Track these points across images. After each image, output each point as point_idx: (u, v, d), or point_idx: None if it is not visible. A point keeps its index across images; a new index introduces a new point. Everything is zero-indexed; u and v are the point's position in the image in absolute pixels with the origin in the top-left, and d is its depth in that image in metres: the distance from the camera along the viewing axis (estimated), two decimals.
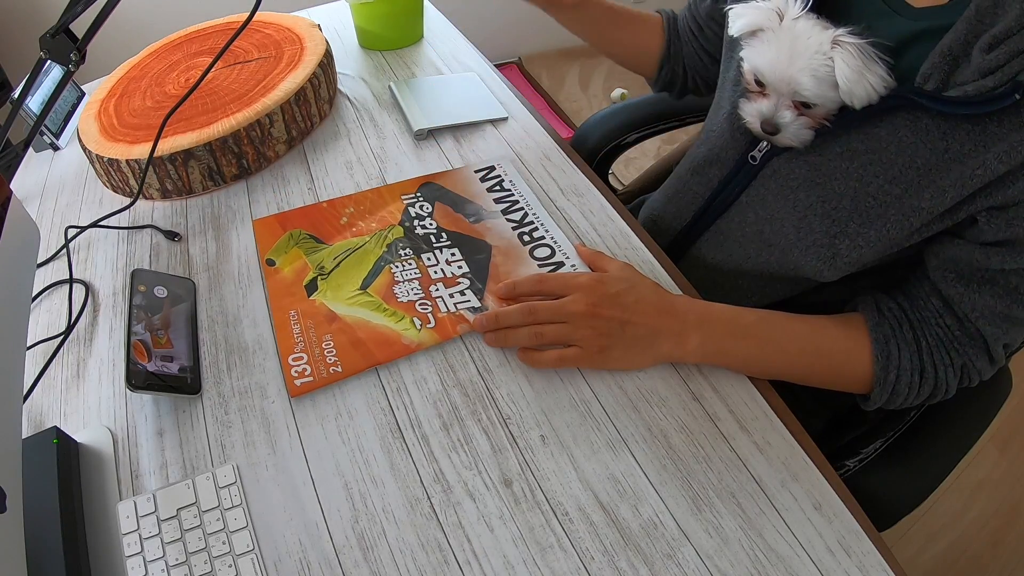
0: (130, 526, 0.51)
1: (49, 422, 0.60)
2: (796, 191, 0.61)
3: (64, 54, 0.64)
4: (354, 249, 0.71)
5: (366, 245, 0.72)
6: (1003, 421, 1.46)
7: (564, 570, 0.48)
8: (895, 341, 0.57)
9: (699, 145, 0.73)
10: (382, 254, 0.71)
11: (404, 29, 1.05)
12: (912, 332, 0.58)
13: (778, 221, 0.63)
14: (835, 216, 0.59)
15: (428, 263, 0.70)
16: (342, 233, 0.73)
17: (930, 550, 1.28)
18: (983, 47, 0.46)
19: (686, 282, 0.67)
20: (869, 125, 0.55)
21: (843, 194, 0.58)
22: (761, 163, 0.64)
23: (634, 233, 0.72)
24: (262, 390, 0.60)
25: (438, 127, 0.86)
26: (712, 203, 0.71)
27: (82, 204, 0.83)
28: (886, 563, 0.48)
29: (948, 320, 0.57)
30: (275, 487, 0.53)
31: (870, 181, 0.56)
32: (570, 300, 0.59)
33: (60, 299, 0.70)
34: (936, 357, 0.57)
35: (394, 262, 0.70)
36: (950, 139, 0.50)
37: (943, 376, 0.57)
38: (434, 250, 0.71)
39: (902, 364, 0.57)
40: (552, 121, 2.13)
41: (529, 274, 0.66)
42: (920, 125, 0.52)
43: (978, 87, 0.47)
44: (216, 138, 0.77)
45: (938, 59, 0.49)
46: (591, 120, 1.01)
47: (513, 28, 2.35)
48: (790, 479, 0.52)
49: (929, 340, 0.57)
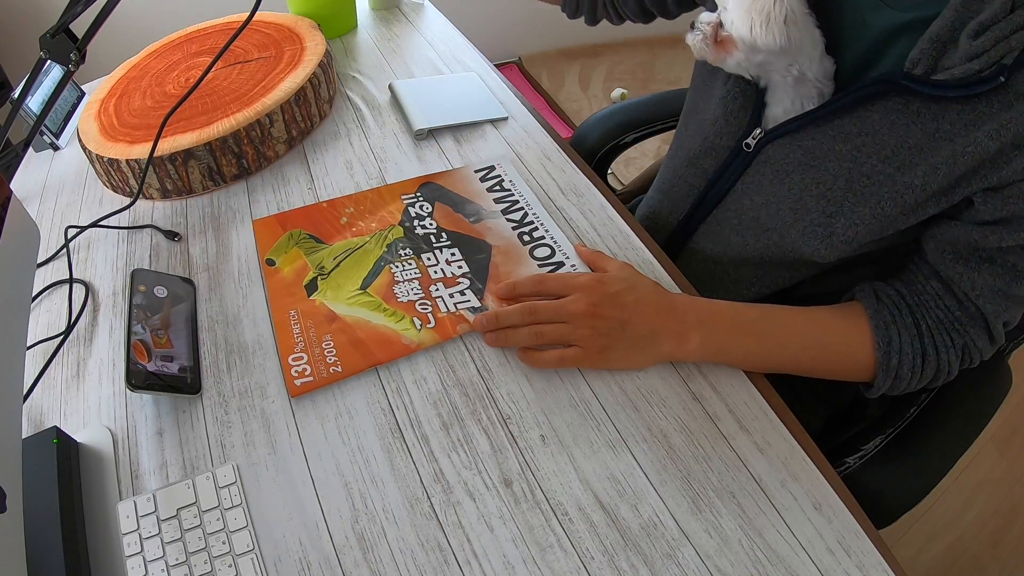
0: (130, 526, 0.51)
1: (49, 422, 0.60)
2: (791, 175, 0.62)
3: (64, 54, 0.64)
4: (354, 249, 0.71)
5: (366, 245, 0.72)
6: (1003, 421, 1.46)
7: (564, 570, 0.48)
8: (895, 327, 0.58)
9: (693, 136, 0.73)
10: (382, 254, 0.70)
11: (334, 17, 1.06)
12: (912, 316, 0.58)
13: (774, 205, 0.64)
14: (830, 196, 0.59)
15: (428, 263, 0.69)
16: (342, 233, 0.73)
17: (930, 550, 1.28)
18: (970, 33, 0.48)
19: (685, 281, 0.67)
20: (861, 109, 0.56)
21: (837, 175, 0.58)
22: (755, 150, 0.64)
23: (634, 233, 0.72)
24: (262, 390, 0.60)
25: (438, 127, 0.86)
26: (708, 193, 0.71)
27: (82, 204, 0.83)
28: (886, 563, 0.48)
29: (948, 301, 0.57)
30: (275, 487, 0.53)
31: (863, 161, 0.57)
32: (570, 300, 0.59)
33: (60, 299, 0.70)
34: (937, 339, 0.57)
35: (394, 262, 0.70)
36: (940, 119, 0.52)
37: (945, 358, 0.58)
38: (434, 250, 0.71)
39: (903, 349, 0.57)
40: (552, 121, 2.13)
41: (529, 274, 0.66)
42: (911, 108, 0.53)
43: (964, 70, 0.48)
44: (216, 138, 0.77)
45: (926, 45, 0.50)
46: (591, 120, 1.01)
47: (513, 28, 2.35)
48: (790, 479, 0.52)
49: (929, 322, 0.58)
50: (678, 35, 1.09)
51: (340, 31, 1.09)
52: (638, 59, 2.42)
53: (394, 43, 1.07)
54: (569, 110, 2.20)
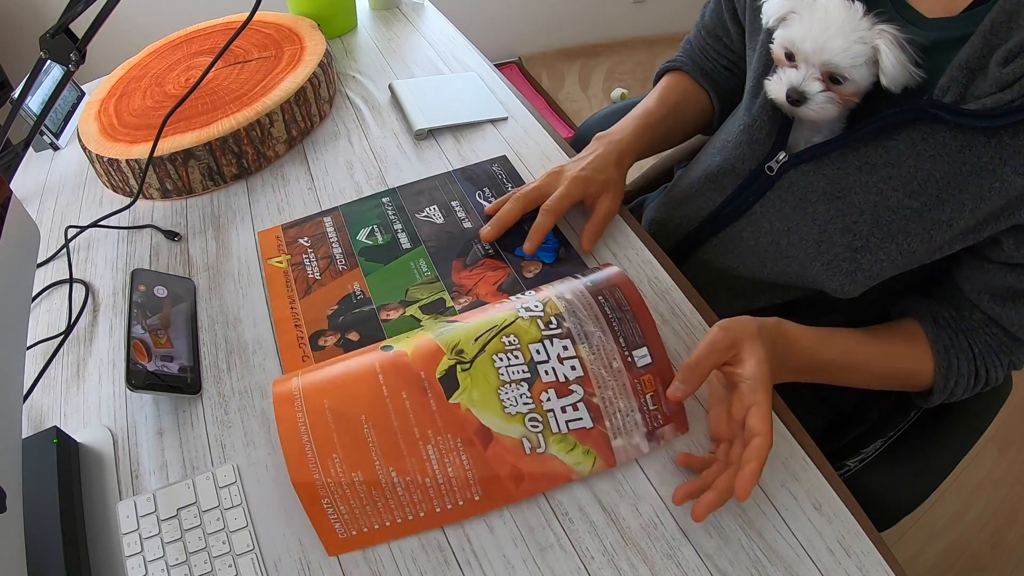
0: (130, 526, 0.51)
1: (49, 422, 0.60)
2: (815, 204, 0.61)
3: (64, 54, 0.64)
4: (501, 328, 0.53)
5: (518, 322, 0.53)
6: (1003, 421, 1.46)
7: (564, 570, 0.48)
8: (954, 351, 0.59)
9: (714, 154, 0.72)
10: (541, 336, 0.53)
11: (334, 17, 1.06)
12: (966, 340, 0.59)
13: (796, 234, 0.63)
14: (856, 230, 0.59)
15: (538, 357, 0.52)
16: (484, 311, 0.57)
17: (930, 550, 1.28)
18: (999, 60, 0.47)
19: (687, 283, 0.67)
20: (886, 138, 0.55)
21: (863, 208, 0.58)
22: (778, 174, 0.64)
23: (635, 234, 0.72)
24: (262, 390, 0.60)
25: (438, 127, 0.86)
26: (723, 210, 0.70)
27: (82, 204, 0.83)
28: (886, 563, 0.48)
29: (995, 329, 0.59)
30: (275, 487, 0.53)
31: (890, 195, 0.56)
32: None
33: (60, 299, 0.70)
34: (988, 361, 0.59)
35: (503, 352, 0.52)
36: (967, 152, 0.51)
37: (995, 374, 0.60)
38: (543, 340, 0.53)
39: (960, 371, 0.59)
40: (552, 121, 2.13)
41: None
42: (937, 138, 0.52)
43: (997, 100, 0.47)
44: (216, 138, 0.77)
45: (956, 72, 0.49)
46: (591, 120, 1.01)
47: (513, 28, 2.35)
48: (790, 479, 0.52)
49: (980, 347, 0.59)
50: (678, 35, 1.09)
51: (340, 31, 1.09)
52: (638, 59, 2.41)
53: (394, 43, 1.07)
54: (569, 110, 2.20)
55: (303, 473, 0.49)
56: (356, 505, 0.49)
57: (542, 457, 0.49)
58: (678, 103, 0.78)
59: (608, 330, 0.54)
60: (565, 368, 0.52)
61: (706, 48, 0.80)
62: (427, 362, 0.52)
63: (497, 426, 0.50)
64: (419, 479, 0.49)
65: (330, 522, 0.48)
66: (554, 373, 0.52)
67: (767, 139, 0.64)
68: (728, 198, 0.70)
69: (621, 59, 2.41)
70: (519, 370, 0.52)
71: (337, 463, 0.49)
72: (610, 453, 0.50)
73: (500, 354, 0.52)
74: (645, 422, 0.51)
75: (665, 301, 0.64)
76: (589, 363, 0.52)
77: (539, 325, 0.53)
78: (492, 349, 0.52)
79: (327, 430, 0.50)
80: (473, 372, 0.51)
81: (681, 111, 0.79)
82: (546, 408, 0.51)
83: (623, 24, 2.44)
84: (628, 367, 0.52)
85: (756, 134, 0.65)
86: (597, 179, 0.68)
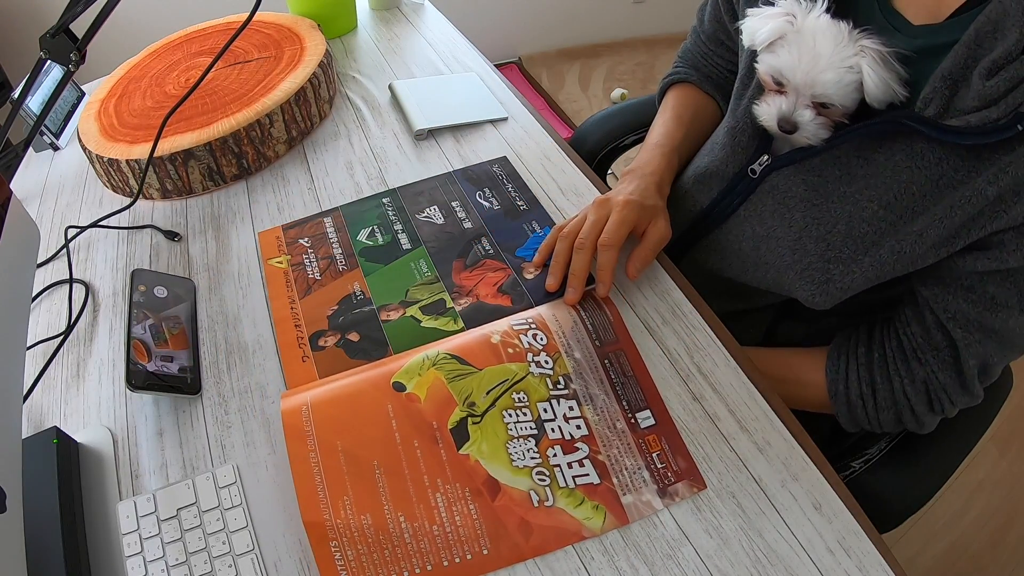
0: (130, 526, 0.51)
1: (49, 422, 0.60)
2: (792, 210, 0.61)
3: (64, 54, 0.64)
4: (513, 382, 0.54)
5: (528, 378, 0.54)
6: (1003, 421, 1.46)
7: (564, 570, 0.48)
8: (845, 356, 0.60)
9: (703, 156, 0.73)
10: (549, 395, 0.54)
11: (334, 17, 1.06)
12: (867, 344, 0.60)
13: (774, 240, 0.63)
14: (829, 240, 0.58)
15: (544, 415, 0.53)
16: (497, 354, 0.56)
17: (930, 550, 1.28)
18: (982, 73, 0.46)
19: (685, 281, 0.67)
20: (868, 150, 0.55)
21: (838, 218, 0.58)
22: (760, 177, 0.64)
23: None
24: (262, 390, 0.60)
25: (438, 127, 0.86)
26: (711, 212, 0.71)
27: (82, 204, 0.83)
28: (886, 563, 0.48)
29: (913, 328, 0.58)
30: (275, 487, 0.53)
31: (864, 206, 0.56)
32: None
33: (60, 299, 0.70)
34: (891, 367, 0.58)
35: (511, 407, 0.53)
36: (944, 165, 0.50)
37: (900, 388, 0.58)
38: (551, 399, 0.54)
39: (850, 377, 0.59)
40: (552, 121, 2.13)
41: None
42: (915, 150, 0.52)
43: (981, 117, 0.46)
44: (216, 138, 0.77)
45: (938, 83, 0.48)
46: (591, 120, 1.01)
47: (513, 28, 2.35)
48: (790, 479, 0.52)
49: (885, 350, 0.59)
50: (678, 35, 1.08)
51: (340, 31, 1.09)
52: (638, 59, 2.41)
53: (394, 43, 1.07)
54: (569, 110, 2.20)
55: (314, 513, 0.49)
56: (364, 551, 0.48)
57: (550, 510, 0.50)
58: (693, 118, 0.78)
59: (612, 394, 0.56)
60: (571, 427, 0.53)
61: (708, 54, 0.80)
62: (439, 412, 0.54)
63: (505, 478, 0.51)
64: (427, 526, 0.49)
65: (336, 569, 0.47)
66: (560, 431, 0.53)
67: (750, 142, 0.65)
68: (715, 200, 0.70)
69: (621, 59, 2.41)
70: (527, 426, 0.53)
71: (348, 504, 0.50)
72: (620, 510, 0.50)
73: (509, 410, 0.53)
74: (654, 479, 0.52)
75: (665, 301, 0.64)
76: (594, 424, 0.54)
77: (548, 384, 0.55)
78: (502, 404, 0.53)
79: (340, 473, 0.51)
80: (483, 426, 0.53)
81: (698, 125, 0.79)
82: (552, 463, 0.51)
83: (623, 24, 2.45)
84: (632, 428, 0.54)
85: (740, 137, 0.65)
86: (647, 204, 0.66)
